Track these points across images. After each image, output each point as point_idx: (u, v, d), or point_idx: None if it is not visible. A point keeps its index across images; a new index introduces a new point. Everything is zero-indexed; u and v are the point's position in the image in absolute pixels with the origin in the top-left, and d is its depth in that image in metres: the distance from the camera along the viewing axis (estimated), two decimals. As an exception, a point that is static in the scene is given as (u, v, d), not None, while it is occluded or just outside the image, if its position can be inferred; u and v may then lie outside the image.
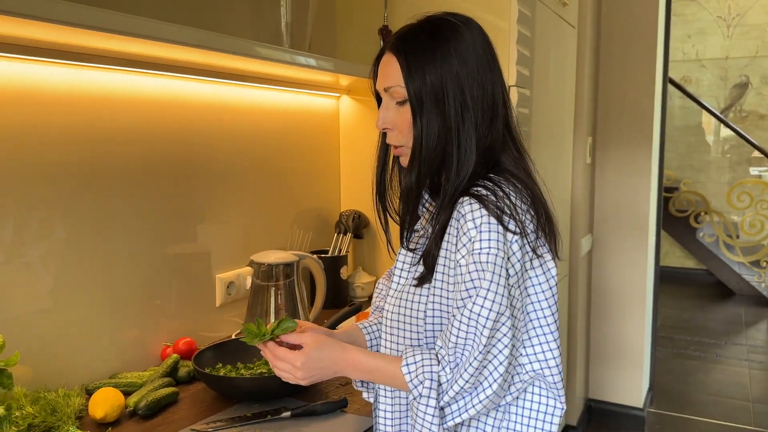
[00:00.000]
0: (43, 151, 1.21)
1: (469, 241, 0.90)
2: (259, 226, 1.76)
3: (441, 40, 0.96)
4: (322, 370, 0.97)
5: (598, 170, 2.94)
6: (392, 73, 0.97)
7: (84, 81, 1.27)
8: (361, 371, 0.98)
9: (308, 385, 0.99)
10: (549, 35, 2.14)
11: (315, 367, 0.97)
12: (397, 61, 0.97)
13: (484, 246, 0.88)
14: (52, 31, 1.00)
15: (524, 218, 0.93)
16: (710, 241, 5.62)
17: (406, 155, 1.01)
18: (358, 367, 0.98)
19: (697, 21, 6.10)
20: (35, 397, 1.13)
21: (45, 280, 1.23)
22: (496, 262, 0.88)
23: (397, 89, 0.97)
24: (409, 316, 0.98)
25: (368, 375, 0.98)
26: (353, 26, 2.01)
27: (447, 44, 0.95)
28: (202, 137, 1.56)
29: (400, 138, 1.00)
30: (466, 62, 0.95)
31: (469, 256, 0.89)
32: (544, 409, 0.98)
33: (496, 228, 0.89)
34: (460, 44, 0.96)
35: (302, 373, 0.96)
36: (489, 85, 0.97)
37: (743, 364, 3.90)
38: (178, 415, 1.20)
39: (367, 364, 0.98)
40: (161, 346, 1.47)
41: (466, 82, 0.95)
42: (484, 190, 0.93)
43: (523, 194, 0.95)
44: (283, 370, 0.97)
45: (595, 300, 3.00)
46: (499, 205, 0.91)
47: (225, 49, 1.22)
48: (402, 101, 0.97)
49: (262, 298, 1.55)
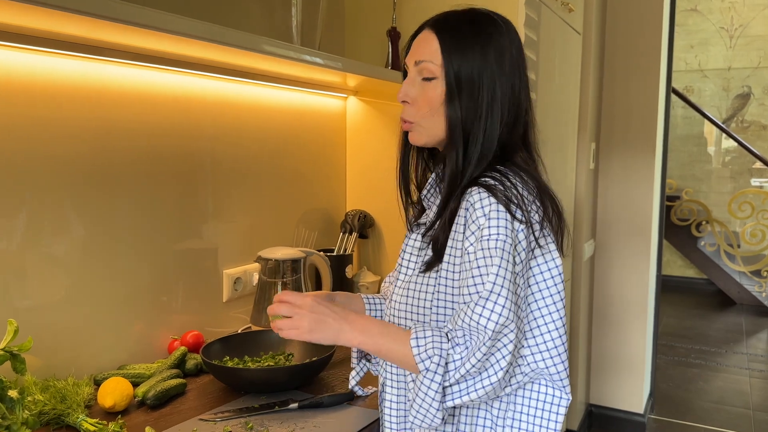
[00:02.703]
0: (53, 144, 1.22)
1: (477, 228, 0.91)
2: (265, 224, 1.78)
3: (482, 31, 0.98)
4: (328, 320, 0.95)
5: (602, 176, 2.96)
6: (428, 49, 0.99)
7: (95, 74, 1.28)
8: (367, 335, 0.95)
9: (309, 339, 0.95)
10: (555, 40, 2.16)
11: (323, 313, 0.95)
12: (437, 39, 0.98)
13: (492, 233, 0.90)
14: (64, 21, 1.01)
15: (530, 208, 0.94)
16: (711, 251, 5.63)
17: (415, 131, 1.02)
18: (366, 330, 0.96)
19: (700, 31, 6.14)
20: (45, 386, 1.14)
21: (55, 272, 1.24)
22: (505, 248, 0.89)
23: (428, 65, 0.98)
24: (416, 305, 0.99)
25: (373, 342, 0.95)
26: (362, 28, 2.04)
27: (488, 37, 0.97)
28: (211, 134, 1.58)
29: (415, 114, 1.01)
30: (502, 60, 0.97)
31: (478, 243, 0.90)
32: (550, 399, 0.99)
33: (504, 215, 0.91)
34: (499, 41, 0.98)
35: (309, 317, 0.94)
36: (517, 88, 0.99)
37: (744, 372, 3.90)
38: (186, 405, 1.21)
39: (376, 329, 0.96)
40: (168, 339, 1.48)
41: (498, 79, 0.97)
42: (492, 180, 0.94)
43: (529, 185, 0.97)
44: (289, 313, 0.96)
45: (596, 305, 3.00)
46: (507, 194, 0.92)
47: (237, 44, 1.24)
48: (429, 78, 0.99)
49: (268, 294, 1.56)
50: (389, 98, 2.01)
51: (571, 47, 2.42)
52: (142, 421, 1.13)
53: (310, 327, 0.95)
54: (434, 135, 1.01)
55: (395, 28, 1.90)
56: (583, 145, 2.67)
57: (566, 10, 2.27)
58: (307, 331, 0.95)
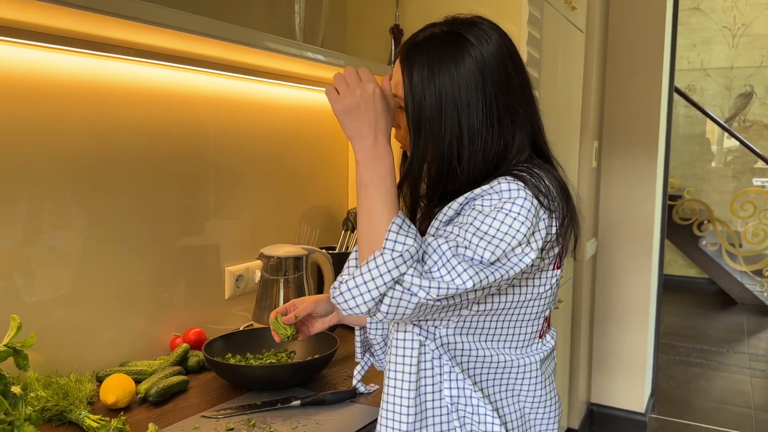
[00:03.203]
0: (54, 140, 1.22)
1: (499, 199, 0.87)
2: (267, 221, 1.78)
3: (452, 55, 0.92)
4: (366, 119, 0.90)
5: (604, 175, 2.95)
6: (397, 79, 0.97)
7: (97, 70, 1.28)
8: (372, 167, 0.89)
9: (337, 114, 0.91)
10: (557, 38, 2.16)
11: (370, 109, 0.90)
12: (403, 72, 0.95)
13: (515, 210, 0.86)
14: (66, 17, 1.01)
15: (556, 201, 0.93)
16: (713, 250, 5.63)
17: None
18: (377, 162, 0.89)
19: (702, 30, 6.13)
20: (47, 382, 1.14)
21: (58, 269, 1.24)
22: (522, 230, 0.85)
23: (398, 98, 0.97)
24: None
25: (369, 175, 0.88)
26: (365, 25, 2.03)
27: (456, 63, 0.92)
28: (214, 131, 1.57)
29: (402, 137, 1.01)
30: (475, 81, 0.92)
31: (494, 210, 0.86)
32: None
33: (531, 199, 0.88)
34: (471, 62, 0.92)
35: (357, 100, 0.90)
36: (503, 99, 0.94)
37: (745, 372, 3.90)
38: (189, 402, 1.21)
39: (386, 172, 0.89)
40: (170, 336, 1.48)
41: (468, 105, 0.92)
42: (519, 173, 0.92)
43: (552, 180, 0.95)
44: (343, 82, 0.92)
45: (598, 304, 3.00)
46: (536, 184, 0.90)
47: (239, 40, 1.23)
48: (402, 108, 0.97)
49: (270, 292, 1.56)
50: (392, 96, 2.00)
51: (573, 45, 2.41)
52: (145, 417, 1.13)
53: (349, 107, 0.90)
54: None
55: (398, 26, 1.90)
56: (586, 144, 2.67)
57: (569, 8, 2.26)
58: (342, 108, 0.91)
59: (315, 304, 1.16)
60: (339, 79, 0.93)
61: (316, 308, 1.16)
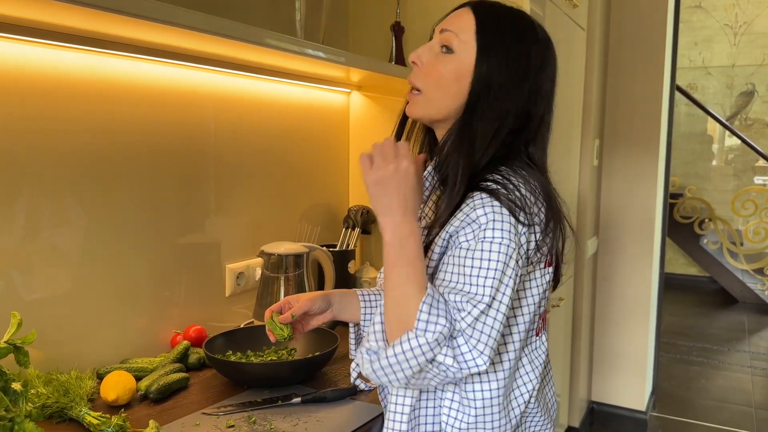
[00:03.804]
0: (55, 138, 1.22)
1: (478, 227, 0.87)
2: (268, 219, 1.77)
3: (521, 38, 0.95)
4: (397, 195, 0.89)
5: (605, 173, 2.95)
6: (460, 23, 0.95)
7: (97, 67, 1.28)
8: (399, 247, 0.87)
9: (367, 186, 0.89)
10: (559, 36, 2.15)
11: (401, 184, 0.89)
12: (475, 22, 0.94)
13: (497, 236, 0.86)
14: (67, 14, 1.01)
15: (533, 210, 0.91)
16: (714, 249, 5.62)
17: (415, 103, 0.99)
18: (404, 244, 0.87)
19: (704, 28, 6.12)
20: (48, 379, 1.14)
21: (59, 266, 1.24)
22: (507, 252, 0.86)
23: (453, 36, 0.95)
24: None
25: (397, 255, 0.87)
26: (366, 22, 2.03)
27: (525, 46, 0.95)
28: (214, 128, 1.57)
29: (421, 80, 0.98)
30: (528, 70, 0.95)
31: (477, 242, 0.86)
32: None
33: (508, 219, 0.87)
34: (532, 52, 0.95)
35: (391, 174, 0.89)
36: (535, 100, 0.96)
37: (746, 370, 3.90)
38: (189, 399, 1.21)
39: (413, 250, 0.87)
40: (171, 333, 1.48)
41: (517, 87, 0.94)
42: (494, 184, 0.91)
43: (531, 186, 0.93)
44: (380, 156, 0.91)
45: (599, 302, 3.00)
46: (511, 197, 0.89)
47: (240, 37, 1.23)
48: (449, 50, 0.95)
49: (271, 289, 1.56)
50: (393, 93, 2.00)
51: (575, 43, 2.41)
52: (145, 414, 1.13)
53: (381, 180, 0.89)
54: (433, 111, 0.98)
55: (399, 23, 1.89)
56: (587, 142, 2.66)
57: (571, 5, 2.26)
58: (374, 180, 0.89)
59: (311, 302, 1.13)
60: (376, 150, 0.92)
61: (311, 306, 1.13)
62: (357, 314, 1.15)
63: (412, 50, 1.02)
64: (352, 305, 1.15)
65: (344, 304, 1.15)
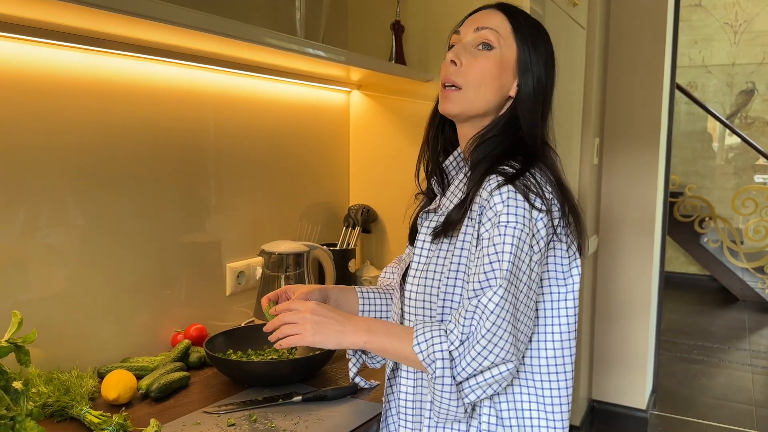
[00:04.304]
0: (55, 137, 1.22)
1: (495, 215, 0.90)
2: (268, 218, 1.77)
3: (541, 31, 1.03)
4: (330, 323, 0.96)
5: (605, 172, 2.95)
6: (492, 19, 1.00)
7: (97, 66, 1.28)
8: (372, 334, 0.96)
9: (313, 344, 0.97)
10: (559, 35, 2.15)
11: (325, 316, 0.96)
12: (507, 19, 1.00)
13: (510, 220, 0.89)
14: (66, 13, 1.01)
15: (551, 198, 0.94)
16: (714, 247, 5.62)
17: (453, 100, 1.01)
18: (370, 329, 0.97)
19: (704, 27, 6.12)
20: (49, 378, 1.14)
21: (59, 265, 1.24)
22: (521, 236, 0.89)
23: (489, 32, 0.99)
24: (431, 293, 0.98)
25: (378, 341, 0.96)
26: (365, 21, 2.03)
27: (545, 39, 1.03)
28: (215, 127, 1.57)
29: (461, 78, 1.00)
30: (550, 61, 1.03)
31: (494, 228, 0.90)
32: None
33: (522, 204, 0.90)
34: (548, 45, 1.03)
35: (312, 321, 0.95)
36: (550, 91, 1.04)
37: (746, 368, 3.90)
38: (190, 398, 1.21)
39: (381, 328, 0.97)
40: (172, 332, 1.48)
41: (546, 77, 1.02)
42: (510, 169, 0.94)
43: (548, 177, 0.96)
44: (292, 320, 0.97)
45: (599, 301, 3.00)
46: (526, 183, 0.92)
47: (240, 36, 1.23)
48: (489, 47, 0.99)
49: (271, 288, 1.56)
50: (393, 92, 2.00)
51: (575, 42, 2.41)
52: (146, 413, 1.13)
53: (314, 331, 0.96)
54: (471, 108, 1.01)
55: (399, 22, 1.89)
56: (587, 141, 2.66)
57: (570, 4, 2.26)
58: (311, 335, 0.96)
59: (308, 294, 1.14)
60: (287, 323, 0.98)
61: (308, 298, 1.14)
62: (355, 311, 1.16)
63: (412, 49, 1.04)
64: (350, 301, 1.16)
65: (342, 299, 1.16)
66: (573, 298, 0.98)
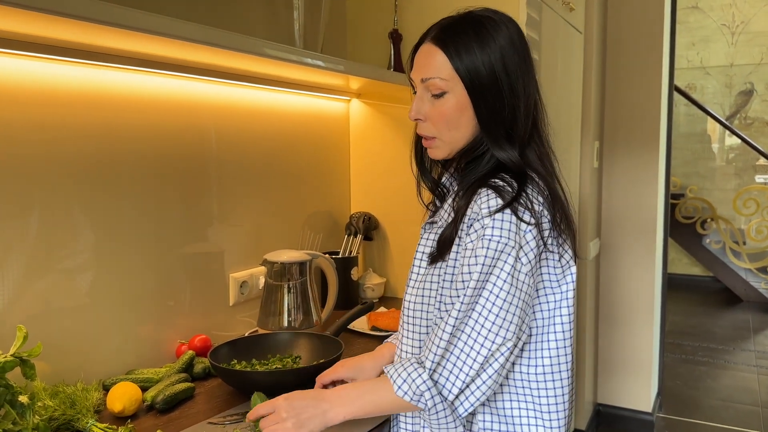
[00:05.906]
0: (59, 150, 1.23)
1: (481, 227, 0.92)
2: (270, 227, 1.78)
3: (483, 30, 0.97)
4: (308, 410, 0.96)
5: (606, 175, 2.95)
6: (433, 64, 0.98)
7: (100, 81, 1.29)
8: (350, 404, 0.97)
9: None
10: (556, 39, 2.16)
11: (299, 407, 0.96)
12: (441, 51, 0.97)
13: (495, 234, 0.90)
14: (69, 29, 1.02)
15: (541, 210, 0.94)
16: (717, 248, 5.62)
17: (436, 148, 1.03)
18: (345, 400, 0.97)
19: (701, 29, 6.13)
20: (54, 391, 1.14)
21: (63, 277, 1.25)
22: (505, 250, 0.89)
23: (435, 82, 0.97)
24: (428, 303, 1.00)
25: (359, 406, 0.97)
26: (364, 30, 2.04)
27: (489, 35, 0.96)
28: (216, 138, 1.58)
29: (432, 129, 1.01)
30: (508, 54, 0.97)
31: (479, 240, 0.91)
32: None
33: (509, 218, 0.91)
34: (501, 37, 0.97)
35: (287, 416, 0.95)
36: (525, 81, 0.99)
37: (752, 369, 3.88)
38: (195, 409, 1.21)
39: (354, 393, 0.98)
40: (176, 343, 1.48)
41: (509, 72, 0.97)
42: (500, 182, 0.95)
43: (539, 187, 0.97)
44: (272, 427, 0.96)
45: (602, 304, 3.00)
46: (515, 196, 0.93)
47: (239, 48, 1.24)
48: (439, 94, 0.98)
49: (274, 297, 1.57)
50: (392, 100, 2.01)
51: (572, 46, 2.42)
52: (152, 425, 1.13)
53: (296, 426, 0.95)
54: (456, 147, 1.02)
55: (397, 30, 1.91)
56: (587, 145, 2.67)
57: (567, 9, 2.27)
58: (295, 425, 0.95)
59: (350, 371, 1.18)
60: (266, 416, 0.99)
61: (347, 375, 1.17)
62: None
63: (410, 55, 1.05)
64: (389, 353, 1.20)
65: (380, 358, 1.19)
66: (567, 306, 0.98)
